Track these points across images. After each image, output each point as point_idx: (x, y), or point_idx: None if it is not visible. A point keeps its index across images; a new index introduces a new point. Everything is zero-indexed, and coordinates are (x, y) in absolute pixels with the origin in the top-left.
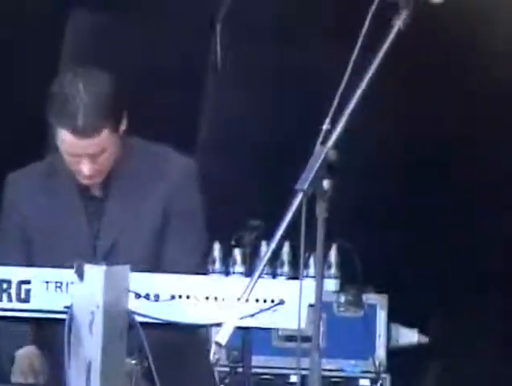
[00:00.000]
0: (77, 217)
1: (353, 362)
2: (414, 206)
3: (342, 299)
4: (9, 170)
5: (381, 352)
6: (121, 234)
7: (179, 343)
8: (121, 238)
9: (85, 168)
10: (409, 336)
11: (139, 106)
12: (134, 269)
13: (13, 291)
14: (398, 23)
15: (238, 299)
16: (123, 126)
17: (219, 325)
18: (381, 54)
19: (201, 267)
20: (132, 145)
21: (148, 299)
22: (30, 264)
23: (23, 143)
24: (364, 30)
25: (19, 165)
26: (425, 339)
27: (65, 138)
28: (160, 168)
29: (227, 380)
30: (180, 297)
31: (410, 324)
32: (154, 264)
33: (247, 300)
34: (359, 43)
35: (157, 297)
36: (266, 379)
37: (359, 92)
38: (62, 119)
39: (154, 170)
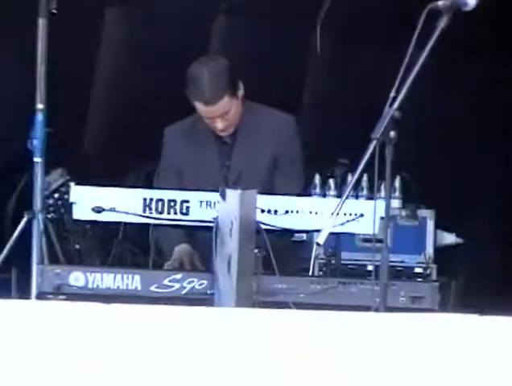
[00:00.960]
0: (214, 157)
1: (410, 256)
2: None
3: (403, 213)
4: (166, 124)
5: (430, 249)
6: (243, 170)
7: (287, 245)
8: (243, 172)
9: (218, 125)
10: (449, 238)
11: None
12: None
13: (177, 207)
14: (442, 25)
15: (332, 213)
16: (240, 92)
17: (318, 231)
18: (429, 46)
19: (303, 192)
20: (252, 106)
21: (269, 213)
22: (182, 188)
23: (176, 105)
24: (416, 34)
25: (173, 121)
26: (460, 240)
27: (199, 107)
28: (271, 124)
29: (324, 269)
30: (292, 211)
31: (449, 230)
32: (268, 190)
33: (338, 214)
34: (412, 45)
35: (275, 212)
36: (351, 268)
37: (415, 71)
38: (194, 95)
39: (267, 125)
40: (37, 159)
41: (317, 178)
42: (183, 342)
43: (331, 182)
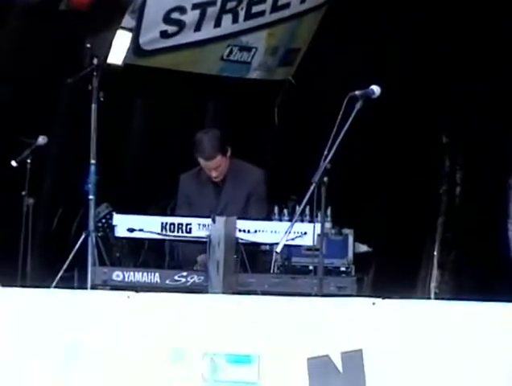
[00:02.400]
0: (210, 194)
1: (338, 259)
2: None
3: (333, 231)
4: (181, 172)
5: (350, 255)
6: (228, 202)
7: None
8: (228, 204)
9: (213, 174)
10: (362, 248)
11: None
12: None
13: (183, 228)
14: (358, 106)
15: (286, 232)
16: (228, 153)
17: (277, 243)
18: (349, 122)
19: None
20: (236, 162)
21: (244, 232)
22: (187, 215)
23: (187, 161)
24: (341, 113)
25: (186, 170)
26: (370, 249)
27: (201, 161)
28: (247, 173)
29: (281, 268)
30: (260, 231)
31: (363, 242)
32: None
33: (289, 232)
34: (338, 120)
35: (249, 231)
36: (298, 268)
37: (340, 137)
38: (198, 153)
39: (245, 175)
40: (91, 197)
41: (276, 209)
42: (189, 317)
43: (285, 211)
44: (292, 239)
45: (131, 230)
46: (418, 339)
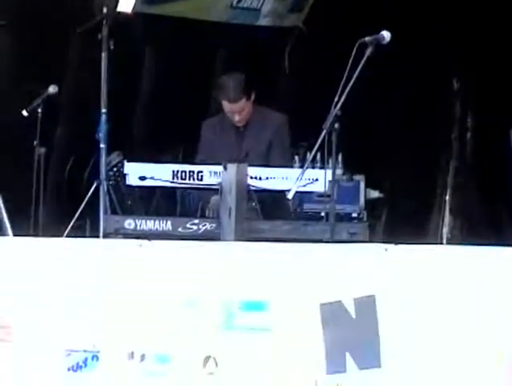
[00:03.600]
0: (232, 139)
1: (349, 206)
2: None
3: (344, 177)
4: (192, 120)
5: (362, 201)
6: (250, 148)
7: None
8: (250, 150)
9: (236, 117)
10: (374, 194)
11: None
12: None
13: (195, 176)
14: (367, 53)
15: (297, 178)
16: (252, 97)
17: (288, 190)
18: (359, 68)
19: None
20: (258, 108)
21: (256, 179)
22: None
23: (198, 109)
24: (351, 59)
25: (197, 118)
26: (382, 195)
27: (224, 104)
28: (270, 119)
29: (293, 215)
30: (271, 178)
31: (374, 187)
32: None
33: (301, 178)
34: (348, 67)
35: (260, 178)
36: (310, 214)
37: (350, 84)
38: (222, 95)
39: (268, 120)
40: (102, 145)
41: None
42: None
43: (296, 158)
44: (304, 185)
45: (143, 178)
46: (430, 285)
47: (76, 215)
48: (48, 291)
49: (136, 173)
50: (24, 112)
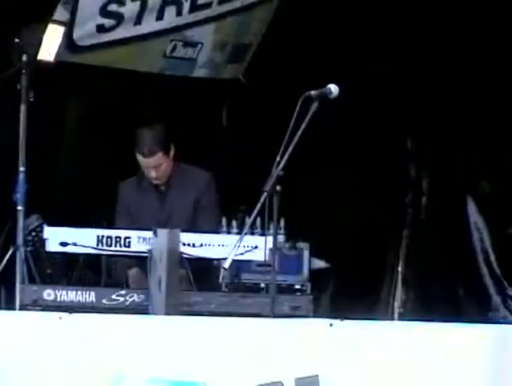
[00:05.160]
0: (153, 201)
1: (292, 276)
2: None
3: (286, 245)
4: (121, 179)
5: (306, 271)
6: (174, 211)
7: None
8: (174, 213)
9: (152, 174)
10: (319, 263)
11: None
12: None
13: (122, 242)
14: (313, 108)
15: (234, 246)
16: (172, 153)
17: (225, 259)
18: (304, 124)
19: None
20: (181, 166)
21: (189, 246)
22: (126, 228)
23: (126, 167)
24: (295, 115)
25: (126, 177)
26: (328, 265)
27: (139, 158)
28: (194, 177)
29: (229, 286)
30: (205, 245)
31: (319, 257)
32: (190, 227)
33: (239, 246)
34: (292, 123)
35: (194, 245)
36: (248, 286)
37: (294, 141)
38: (137, 148)
39: (191, 179)
40: (20, 207)
41: (224, 220)
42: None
43: (234, 223)
44: (242, 253)
45: (64, 244)
46: (379, 364)
47: None
48: None
49: (57, 238)
50: None
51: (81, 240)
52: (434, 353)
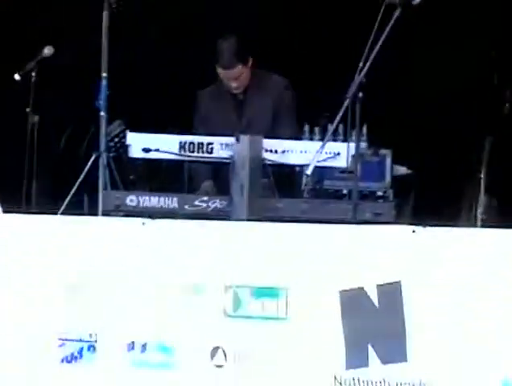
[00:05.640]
0: (231, 109)
1: (374, 183)
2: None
3: (369, 152)
4: (202, 86)
5: (388, 178)
6: (252, 118)
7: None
8: (252, 120)
9: (232, 84)
10: (402, 170)
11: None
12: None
13: (204, 148)
14: (396, 14)
15: (317, 152)
16: (249, 63)
17: (307, 165)
18: (386, 30)
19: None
20: (258, 73)
21: (271, 152)
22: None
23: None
24: (378, 21)
25: (207, 85)
26: (410, 172)
27: (219, 71)
28: (271, 85)
29: (312, 192)
30: (288, 151)
31: (401, 163)
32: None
33: (321, 152)
34: (374, 29)
35: (276, 152)
36: (331, 192)
37: (377, 47)
38: (217, 62)
39: (268, 86)
40: (102, 113)
41: (306, 127)
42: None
43: (316, 129)
44: (324, 160)
45: (147, 150)
46: (462, 271)
47: (73, 190)
48: (42, 273)
49: (140, 144)
50: (16, 76)
51: (164, 145)
52: None
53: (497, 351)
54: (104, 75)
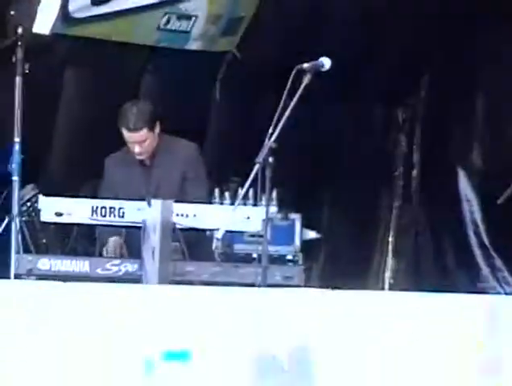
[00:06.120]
0: (138, 175)
1: (284, 247)
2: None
3: (278, 216)
4: (115, 150)
5: (297, 242)
6: (160, 184)
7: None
8: (160, 187)
9: (136, 149)
10: (311, 234)
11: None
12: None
13: (116, 212)
14: (306, 81)
15: (227, 216)
16: (157, 130)
17: (217, 229)
18: (297, 96)
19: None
20: (166, 138)
21: (182, 216)
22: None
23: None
24: (287, 88)
25: (112, 152)
26: (319, 236)
27: (124, 133)
28: (180, 149)
29: (222, 256)
30: (197, 215)
31: (310, 227)
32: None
33: (232, 216)
34: (284, 96)
35: (187, 216)
36: (241, 256)
37: (287, 114)
38: (122, 123)
39: (178, 151)
40: (15, 178)
41: (216, 191)
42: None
43: (226, 194)
44: (234, 224)
45: (59, 214)
46: (370, 334)
47: None
48: None
49: (52, 208)
50: None
51: (76, 210)
52: (424, 323)
53: None
54: (17, 140)
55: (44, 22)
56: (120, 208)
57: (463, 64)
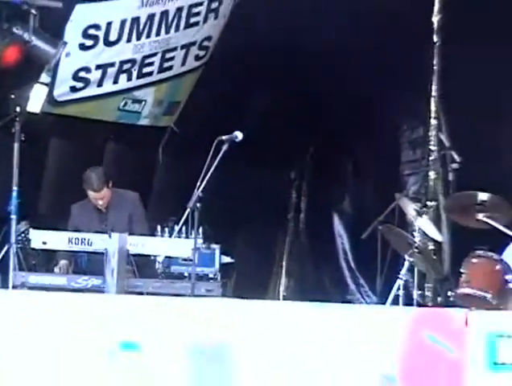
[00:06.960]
0: (97, 221)
1: (207, 268)
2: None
3: (204, 246)
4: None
5: (217, 265)
6: (114, 225)
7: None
8: (114, 226)
9: (99, 202)
10: (226, 259)
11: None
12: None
13: (86, 242)
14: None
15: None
16: (110, 185)
17: (159, 255)
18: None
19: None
20: (117, 190)
21: (134, 245)
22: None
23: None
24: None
25: (77, 200)
26: (232, 260)
27: (90, 193)
28: (126, 198)
29: (162, 274)
30: (144, 245)
31: (226, 254)
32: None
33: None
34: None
35: (137, 245)
36: (177, 274)
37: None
38: (87, 186)
39: (124, 199)
40: (13, 216)
41: (158, 227)
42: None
43: (166, 229)
44: (172, 251)
45: (44, 242)
46: (272, 331)
47: None
48: None
49: (39, 238)
50: None
51: (57, 239)
52: (311, 328)
53: None
54: (15, 188)
55: (35, 104)
56: (89, 239)
57: (338, 141)
